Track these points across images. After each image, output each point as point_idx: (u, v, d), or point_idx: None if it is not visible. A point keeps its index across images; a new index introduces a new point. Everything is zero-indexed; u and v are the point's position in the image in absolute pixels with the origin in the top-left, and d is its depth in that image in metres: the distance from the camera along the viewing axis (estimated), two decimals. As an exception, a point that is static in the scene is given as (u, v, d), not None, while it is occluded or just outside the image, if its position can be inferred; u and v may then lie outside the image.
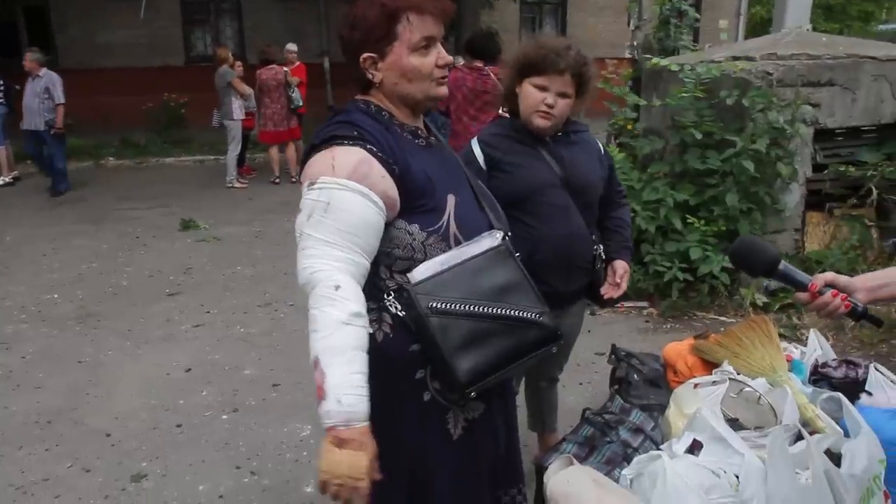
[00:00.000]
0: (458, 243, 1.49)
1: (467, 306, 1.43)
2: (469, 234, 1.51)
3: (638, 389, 2.49)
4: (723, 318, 4.14)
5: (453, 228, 1.49)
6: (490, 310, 1.45)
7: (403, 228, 1.45)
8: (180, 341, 4.17)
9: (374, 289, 1.48)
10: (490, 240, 1.52)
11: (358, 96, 1.54)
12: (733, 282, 4.24)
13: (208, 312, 4.61)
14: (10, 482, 2.81)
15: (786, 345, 2.44)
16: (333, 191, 1.37)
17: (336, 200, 1.36)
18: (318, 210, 1.37)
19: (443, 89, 1.51)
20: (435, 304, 1.41)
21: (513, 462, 1.75)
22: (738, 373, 2.18)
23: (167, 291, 5.03)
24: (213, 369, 3.78)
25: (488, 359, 1.44)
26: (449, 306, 1.41)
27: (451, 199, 1.50)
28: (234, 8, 13.79)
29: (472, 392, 1.44)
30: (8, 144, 8.93)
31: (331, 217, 1.36)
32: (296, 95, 8.55)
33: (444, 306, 1.41)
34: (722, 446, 1.80)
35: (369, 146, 1.41)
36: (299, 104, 8.61)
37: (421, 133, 1.56)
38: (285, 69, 8.56)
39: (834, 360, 2.35)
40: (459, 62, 5.38)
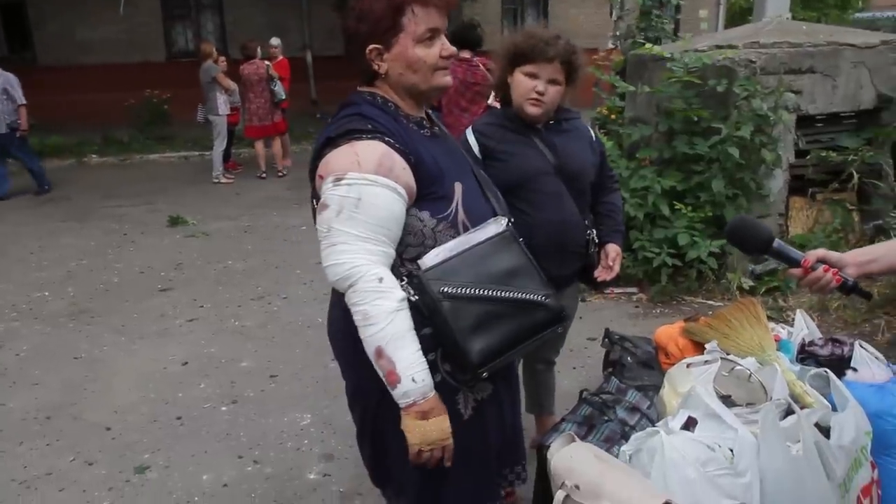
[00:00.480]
0: (465, 230, 1.54)
1: (477, 290, 1.48)
2: (476, 221, 1.56)
3: (632, 371, 2.56)
4: (710, 302, 4.23)
5: (461, 215, 1.54)
6: (499, 293, 1.50)
7: (415, 216, 1.50)
8: (175, 335, 4.19)
9: None
10: (496, 226, 1.58)
11: (362, 88, 1.57)
12: (720, 266, 4.33)
13: (202, 307, 4.62)
14: (12, 477, 2.83)
15: (773, 325, 2.51)
16: (363, 186, 1.41)
17: (367, 196, 1.40)
18: (348, 206, 1.41)
19: (447, 79, 1.55)
20: (446, 289, 1.46)
21: (516, 441, 1.82)
22: (727, 353, 2.25)
23: (159, 287, 5.03)
24: (209, 362, 3.80)
25: (499, 340, 1.50)
26: (460, 290, 1.46)
27: (458, 187, 1.55)
28: (215, 3, 13.66)
29: (484, 372, 1.50)
30: None
31: (362, 212, 1.40)
32: (278, 89, 8.51)
33: (455, 290, 1.46)
34: (716, 422, 1.87)
35: (387, 139, 1.45)
36: (282, 98, 8.58)
37: (426, 123, 1.61)
38: (267, 63, 8.53)
39: (820, 339, 2.43)
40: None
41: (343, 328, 1.54)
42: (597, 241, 2.38)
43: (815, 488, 1.72)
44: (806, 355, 2.36)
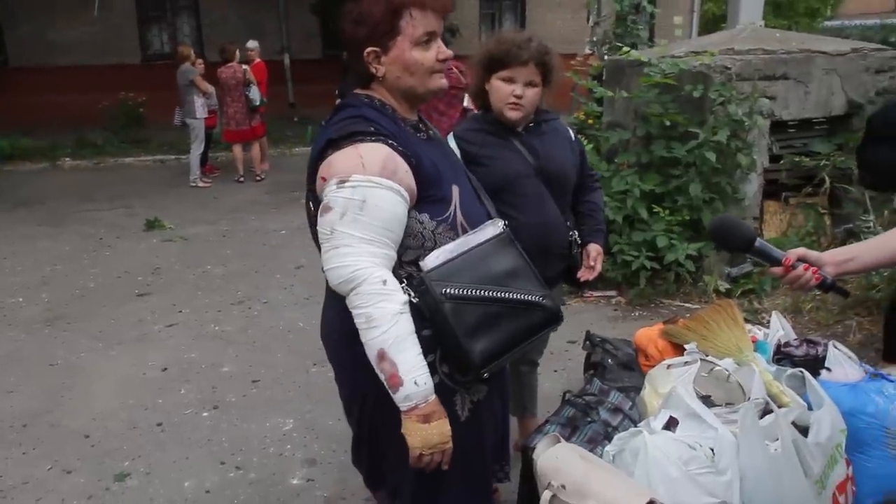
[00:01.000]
0: (464, 232, 1.56)
1: (479, 291, 1.50)
2: (473, 223, 1.58)
3: (613, 373, 2.60)
4: (688, 305, 4.29)
5: (460, 218, 1.56)
6: (500, 294, 1.53)
7: (415, 218, 1.51)
8: (154, 341, 4.15)
9: None
10: (493, 228, 1.60)
11: (358, 90, 1.58)
12: (697, 269, 4.40)
13: (181, 312, 4.58)
14: (-12, 486, 2.79)
15: (750, 327, 2.57)
16: (367, 188, 1.41)
17: (371, 198, 1.41)
18: (352, 208, 1.41)
19: (443, 82, 1.57)
20: (448, 290, 1.47)
21: (504, 439, 1.86)
22: (706, 354, 2.30)
23: (136, 292, 4.98)
24: (190, 368, 3.77)
25: (499, 340, 1.52)
26: (461, 291, 1.48)
27: (455, 190, 1.57)
28: (191, 4, 13.54)
29: (485, 373, 1.52)
30: None
31: (367, 215, 1.41)
32: (253, 95, 8.41)
33: (456, 292, 1.48)
34: (696, 422, 1.91)
35: (390, 141, 1.46)
36: (257, 103, 8.49)
37: (421, 127, 1.63)
38: (245, 67, 8.47)
39: (795, 340, 2.49)
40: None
41: (339, 329, 1.54)
42: (579, 241, 2.42)
43: (793, 485, 1.77)
44: (782, 356, 2.42)
